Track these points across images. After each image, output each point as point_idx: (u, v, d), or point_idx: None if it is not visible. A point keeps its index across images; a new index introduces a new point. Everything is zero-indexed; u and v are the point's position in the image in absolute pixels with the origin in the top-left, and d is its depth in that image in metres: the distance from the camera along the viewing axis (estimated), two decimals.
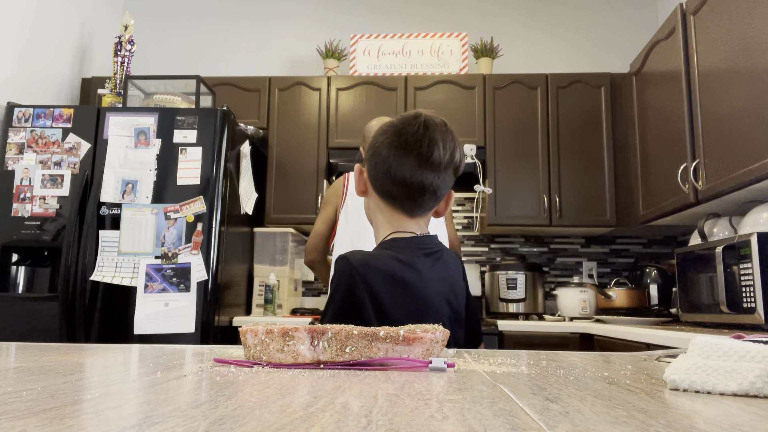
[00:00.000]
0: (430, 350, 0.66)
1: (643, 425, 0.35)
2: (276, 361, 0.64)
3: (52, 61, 3.08)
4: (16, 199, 2.51)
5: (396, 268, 1.07)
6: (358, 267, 1.05)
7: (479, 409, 0.40)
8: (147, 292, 2.39)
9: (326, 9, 3.73)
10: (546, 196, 3.05)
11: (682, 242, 3.22)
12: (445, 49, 3.35)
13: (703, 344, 0.51)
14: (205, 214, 2.46)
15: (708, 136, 2.14)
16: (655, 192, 2.61)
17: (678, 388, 0.50)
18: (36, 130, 2.57)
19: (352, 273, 1.04)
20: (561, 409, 0.40)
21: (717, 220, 2.27)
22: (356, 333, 0.64)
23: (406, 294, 1.07)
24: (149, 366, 0.65)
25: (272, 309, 2.86)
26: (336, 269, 1.07)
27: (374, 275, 1.05)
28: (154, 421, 0.35)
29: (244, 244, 2.91)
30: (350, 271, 1.04)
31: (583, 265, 3.39)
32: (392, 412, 0.38)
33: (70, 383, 0.51)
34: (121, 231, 2.46)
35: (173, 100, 2.75)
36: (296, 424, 0.34)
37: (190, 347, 0.93)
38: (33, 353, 0.78)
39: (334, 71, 3.39)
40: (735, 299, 1.88)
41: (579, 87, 3.14)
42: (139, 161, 2.51)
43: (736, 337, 0.54)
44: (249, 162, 2.84)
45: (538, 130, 3.12)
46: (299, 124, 3.20)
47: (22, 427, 0.32)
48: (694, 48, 2.25)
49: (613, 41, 3.58)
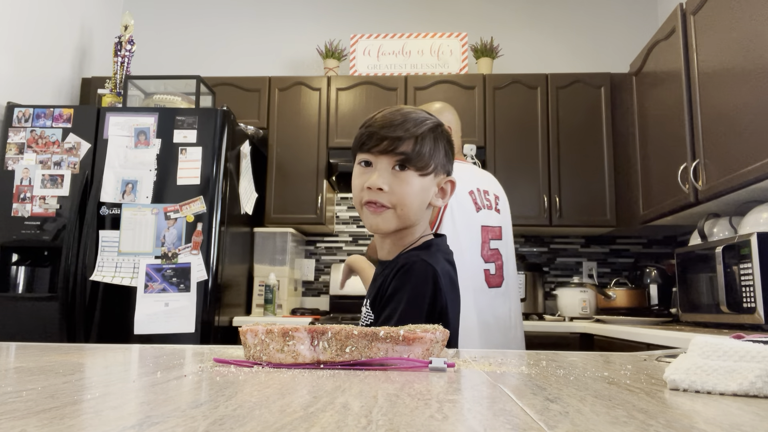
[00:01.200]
0: (430, 350, 0.66)
1: (643, 425, 0.35)
2: (276, 361, 0.64)
3: (52, 61, 3.08)
4: (16, 199, 2.51)
5: (452, 273, 1.11)
6: (443, 276, 1.04)
7: (479, 409, 0.40)
8: (147, 292, 2.39)
9: (326, 9, 3.73)
10: (546, 196, 3.05)
11: (682, 242, 3.22)
12: (445, 49, 3.35)
13: (703, 344, 0.51)
14: (205, 214, 2.46)
15: (708, 136, 2.14)
16: (655, 192, 2.61)
17: (678, 388, 0.50)
18: (36, 130, 2.57)
19: (437, 281, 1.02)
20: (561, 409, 0.40)
21: (717, 220, 2.27)
22: (356, 333, 0.64)
23: (456, 297, 1.11)
24: (149, 366, 0.65)
25: (272, 309, 2.86)
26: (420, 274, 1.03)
27: (447, 283, 1.05)
28: (154, 421, 0.35)
29: (244, 244, 2.91)
30: (436, 279, 1.02)
31: (583, 265, 3.39)
32: (392, 412, 0.38)
33: (70, 383, 0.51)
34: (121, 231, 2.46)
35: (173, 100, 2.75)
36: (296, 424, 0.34)
37: (190, 347, 0.93)
38: (33, 353, 0.78)
39: (334, 71, 3.40)
40: (735, 299, 1.88)
41: (579, 87, 3.14)
42: (139, 161, 2.51)
43: (736, 337, 0.54)
44: (249, 162, 2.84)
45: (538, 130, 3.12)
46: (299, 124, 3.20)
47: (22, 427, 0.32)
48: (694, 48, 2.24)
49: (613, 41, 3.58)
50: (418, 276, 1.01)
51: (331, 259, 3.49)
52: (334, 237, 3.52)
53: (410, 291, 1.01)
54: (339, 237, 3.52)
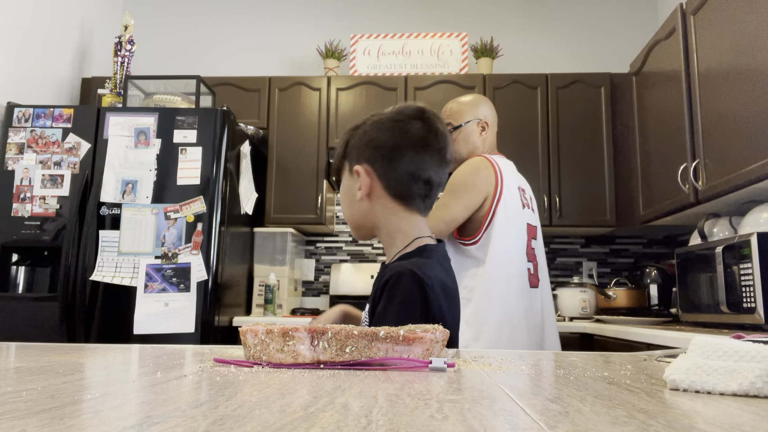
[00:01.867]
0: (430, 350, 0.66)
1: (643, 425, 0.35)
2: (276, 361, 0.64)
3: (52, 61, 3.08)
4: (16, 199, 2.52)
5: (447, 281, 1.08)
6: (434, 286, 1.00)
7: (479, 409, 0.40)
8: (147, 292, 2.39)
9: (326, 9, 3.73)
10: (546, 196, 3.05)
11: (682, 242, 3.22)
12: (445, 49, 3.35)
13: (703, 344, 0.51)
14: (205, 214, 2.46)
15: (708, 136, 2.14)
16: (655, 192, 2.61)
17: (678, 388, 0.50)
18: (36, 130, 2.57)
19: (426, 292, 0.98)
20: (561, 409, 0.40)
21: (717, 220, 2.27)
22: (356, 333, 0.64)
23: (453, 306, 1.09)
24: (149, 366, 0.65)
25: (272, 309, 2.86)
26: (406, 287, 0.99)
27: (439, 292, 1.01)
28: (154, 421, 0.35)
29: (244, 244, 2.91)
30: (425, 291, 0.98)
31: (583, 265, 3.39)
32: (392, 412, 0.38)
33: (70, 383, 0.51)
34: (121, 231, 2.46)
35: (173, 100, 2.75)
36: (296, 424, 0.34)
37: (190, 347, 0.93)
38: (33, 353, 0.78)
39: (334, 71, 3.40)
40: (735, 299, 1.88)
41: (579, 87, 3.14)
42: (139, 161, 2.51)
43: (736, 337, 0.54)
44: (249, 162, 2.84)
45: (538, 130, 3.12)
46: (299, 124, 3.20)
47: (22, 427, 0.32)
48: (694, 48, 2.24)
49: (613, 41, 3.58)
50: (404, 290, 0.99)
51: (331, 259, 3.49)
52: (334, 237, 3.52)
53: (398, 306, 0.99)
54: (339, 237, 3.52)
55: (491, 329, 1.70)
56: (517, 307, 1.74)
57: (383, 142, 1.08)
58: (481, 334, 1.70)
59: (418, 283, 0.98)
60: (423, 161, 1.07)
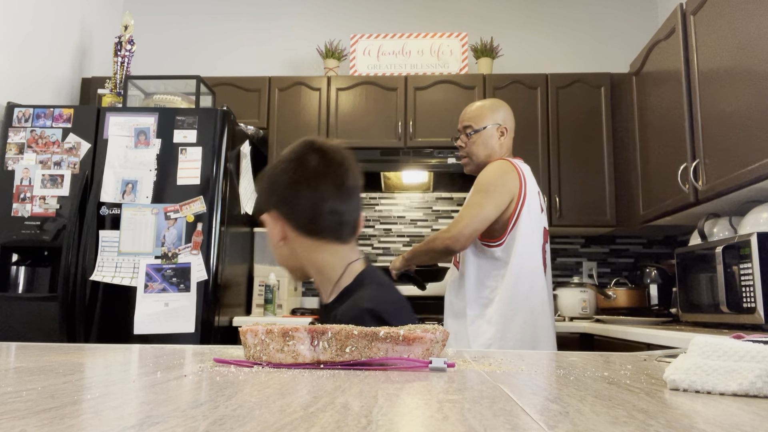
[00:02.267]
0: (430, 350, 0.66)
1: (643, 425, 0.35)
2: (276, 361, 0.64)
3: (52, 61, 3.08)
4: (16, 199, 2.51)
5: (396, 297, 1.09)
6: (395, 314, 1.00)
7: (479, 409, 0.40)
8: (147, 292, 2.39)
9: (326, 9, 3.73)
10: (546, 196, 3.05)
11: (682, 242, 3.22)
12: (445, 49, 3.34)
13: (703, 344, 0.51)
14: (205, 214, 2.46)
15: (708, 136, 2.14)
16: (655, 192, 2.61)
17: (678, 388, 0.50)
18: (36, 130, 2.57)
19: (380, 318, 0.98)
20: (561, 409, 0.40)
21: (717, 220, 2.27)
22: (356, 333, 0.64)
23: (410, 315, 1.09)
24: (149, 366, 0.65)
25: (272, 309, 2.86)
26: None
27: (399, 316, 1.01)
28: (154, 421, 0.35)
29: (244, 244, 2.91)
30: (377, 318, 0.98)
31: (583, 265, 3.39)
32: (392, 412, 0.38)
33: (70, 383, 0.51)
34: (121, 231, 2.46)
35: (173, 100, 2.75)
36: (296, 424, 0.34)
37: (190, 347, 0.93)
38: (33, 353, 0.78)
39: (334, 71, 3.39)
40: (735, 299, 1.88)
41: (579, 87, 3.14)
42: (139, 161, 2.51)
43: (736, 337, 0.54)
44: (249, 162, 2.84)
45: (538, 130, 3.12)
46: (299, 124, 3.20)
47: (22, 427, 0.32)
48: (694, 48, 2.24)
49: (613, 41, 3.58)
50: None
51: None
52: None
53: None
54: None
55: (517, 329, 1.73)
56: (543, 307, 1.77)
57: (280, 184, 1.09)
58: (506, 333, 1.73)
59: (369, 314, 0.98)
60: (321, 193, 1.06)
